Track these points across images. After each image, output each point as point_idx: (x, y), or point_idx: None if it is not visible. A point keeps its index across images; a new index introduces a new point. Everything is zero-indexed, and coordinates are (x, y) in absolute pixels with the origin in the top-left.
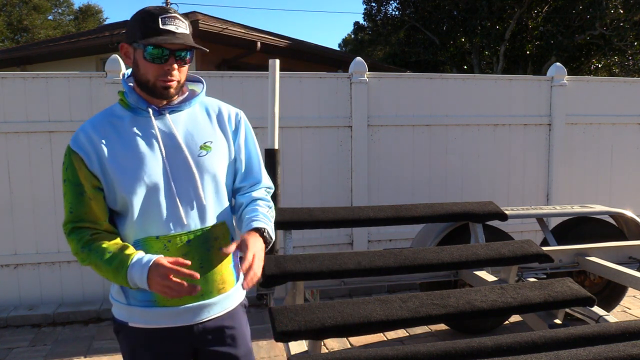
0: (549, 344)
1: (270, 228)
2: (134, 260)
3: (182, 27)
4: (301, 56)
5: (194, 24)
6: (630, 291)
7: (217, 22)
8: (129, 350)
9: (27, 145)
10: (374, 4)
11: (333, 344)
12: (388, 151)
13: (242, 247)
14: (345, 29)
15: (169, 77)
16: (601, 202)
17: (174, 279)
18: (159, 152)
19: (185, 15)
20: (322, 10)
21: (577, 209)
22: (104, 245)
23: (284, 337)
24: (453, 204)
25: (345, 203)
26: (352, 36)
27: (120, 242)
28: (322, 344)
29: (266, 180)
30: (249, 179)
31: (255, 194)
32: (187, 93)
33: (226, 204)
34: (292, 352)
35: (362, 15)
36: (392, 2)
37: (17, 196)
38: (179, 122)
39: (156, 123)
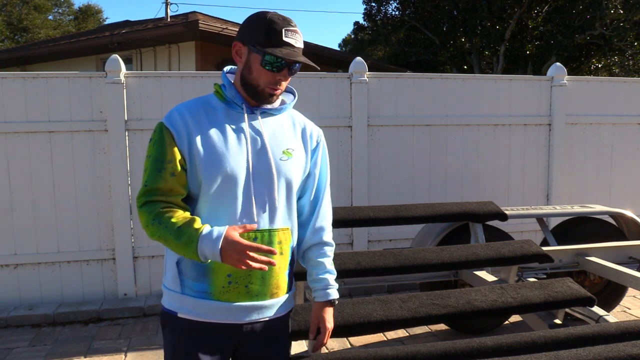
0: (549, 344)
1: (336, 286)
2: (203, 233)
3: (299, 42)
4: None
5: (193, 24)
6: (630, 291)
7: (217, 22)
8: (174, 343)
9: (27, 145)
10: (374, 4)
11: (333, 344)
12: (388, 151)
13: (321, 324)
14: (345, 29)
15: (278, 86)
16: (601, 202)
17: (250, 253)
18: (245, 147)
19: (185, 16)
20: (322, 10)
21: (577, 209)
22: (173, 220)
23: None
24: (453, 204)
25: (345, 203)
26: (352, 36)
27: (189, 215)
28: None
29: (329, 208)
30: (316, 202)
31: (325, 238)
32: (279, 100)
33: (294, 211)
34: (292, 352)
35: (362, 15)
36: (392, 2)
37: (17, 196)
38: (267, 125)
39: (247, 120)
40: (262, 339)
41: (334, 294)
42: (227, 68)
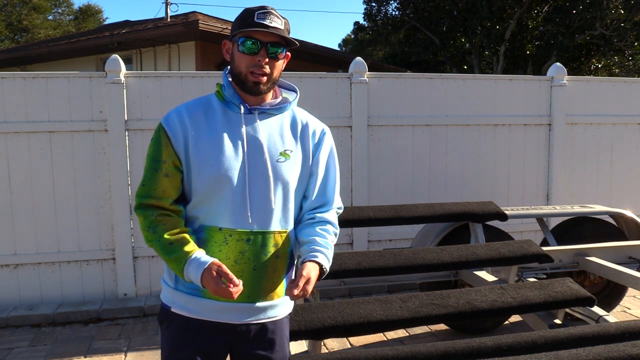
0: (549, 344)
1: (329, 260)
2: (192, 257)
3: (275, 22)
4: (301, 56)
5: (193, 24)
6: (630, 291)
7: (217, 22)
8: (170, 339)
9: (27, 145)
10: (374, 4)
11: (333, 344)
12: (388, 151)
13: (298, 273)
14: (345, 29)
15: (260, 70)
16: (601, 202)
17: (222, 285)
18: (241, 149)
19: (185, 16)
20: (322, 10)
21: (577, 209)
22: (166, 236)
23: None
24: (453, 204)
25: (345, 203)
26: (352, 36)
27: (182, 232)
28: (322, 344)
29: (337, 201)
30: (323, 197)
31: (327, 216)
32: (280, 99)
33: (292, 214)
34: (292, 352)
35: (362, 15)
36: (392, 2)
37: (17, 196)
38: (266, 125)
39: (244, 121)
40: (257, 340)
41: (323, 259)
42: (228, 68)
